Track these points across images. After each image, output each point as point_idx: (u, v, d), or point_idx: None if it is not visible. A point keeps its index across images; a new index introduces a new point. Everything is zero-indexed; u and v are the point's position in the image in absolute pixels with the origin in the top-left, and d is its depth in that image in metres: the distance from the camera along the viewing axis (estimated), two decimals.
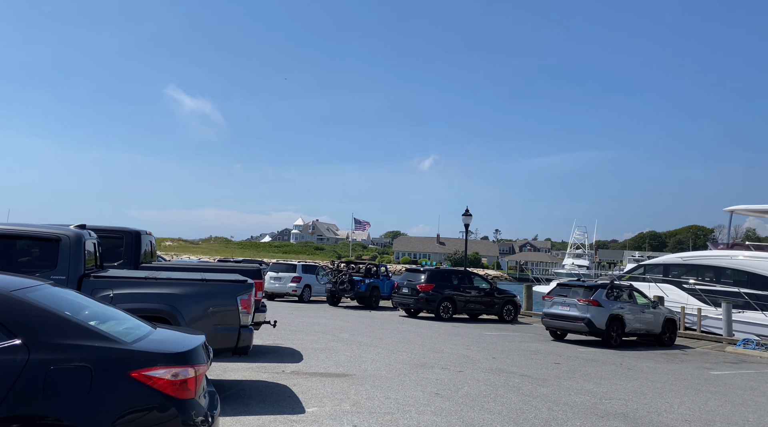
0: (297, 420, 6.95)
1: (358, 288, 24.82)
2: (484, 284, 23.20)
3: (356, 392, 8.67)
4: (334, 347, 13.15)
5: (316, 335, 14.97)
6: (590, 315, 16.62)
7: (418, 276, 22.26)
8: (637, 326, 17.49)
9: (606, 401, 9.26)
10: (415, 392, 8.88)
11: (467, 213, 27.81)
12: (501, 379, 10.51)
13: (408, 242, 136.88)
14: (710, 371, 13.54)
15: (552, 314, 17.67)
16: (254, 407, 7.46)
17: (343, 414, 7.35)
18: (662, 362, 14.37)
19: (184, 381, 4.05)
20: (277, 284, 26.57)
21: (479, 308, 22.54)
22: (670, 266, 26.04)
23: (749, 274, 22.71)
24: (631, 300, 17.78)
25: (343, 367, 10.70)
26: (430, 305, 21.49)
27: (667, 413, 8.67)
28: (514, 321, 22.88)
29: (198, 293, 7.61)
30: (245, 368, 9.97)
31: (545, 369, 12.01)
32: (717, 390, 10.98)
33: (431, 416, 7.52)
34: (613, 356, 14.78)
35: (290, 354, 11.80)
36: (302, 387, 8.75)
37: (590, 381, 10.96)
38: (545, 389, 9.89)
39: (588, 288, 17.57)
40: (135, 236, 11.04)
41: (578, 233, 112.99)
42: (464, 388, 9.47)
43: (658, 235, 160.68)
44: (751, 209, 25.48)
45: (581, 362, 13.49)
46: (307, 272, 27.14)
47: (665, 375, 12.37)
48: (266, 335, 13.97)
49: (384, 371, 10.55)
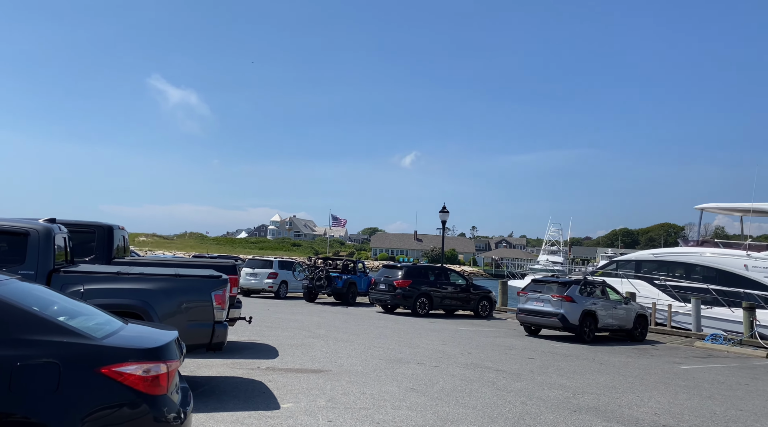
0: (272, 416, 6.92)
1: (335, 284, 24.77)
2: (460, 280, 23.35)
3: (332, 387, 8.66)
4: (310, 343, 13.11)
5: (292, 331, 14.91)
6: (564, 311, 16.85)
7: (396, 272, 22.31)
8: (610, 322, 17.78)
9: (579, 395, 9.40)
10: (391, 388, 8.90)
11: (444, 210, 27.93)
12: (476, 374, 10.60)
13: (385, 238, 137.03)
14: (680, 365, 13.84)
15: (526, 309, 17.87)
16: (228, 403, 7.40)
17: (318, 410, 7.34)
18: (634, 357, 14.63)
19: (155, 377, 4.00)
20: (253, 280, 26.38)
21: (455, 303, 22.69)
22: (641, 262, 26.51)
23: (718, 270, 23.24)
24: (604, 296, 18.07)
25: (319, 363, 10.68)
26: (406, 300, 21.56)
27: (638, 407, 8.84)
28: (490, 317, 23.09)
29: (171, 289, 7.51)
30: (220, 364, 9.89)
31: (519, 364, 12.14)
32: (686, 384, 11.23)
33: (406, 411, 7.55)
34: (586, 351, 15.01)
35: (266, 350, 11.74)
36: (277, 383, 8.71)
37: (563, 376, 11.11)
38: (519, 383, 10.00)
39: (562, 284, 17.80)
40: (107, 231, 10.85)
41: (553, 230, 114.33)
42: (439, 383, 9.53)
43: (631, 232, 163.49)
44: (721, 207, 26.06)
45: (555, 357, 13.68)
46: (283, 268, 27.00)
47: (636, 370, 12.60)
48: (241, 331, 13.87)
49: (360, 366, 10.56)
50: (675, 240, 55.01)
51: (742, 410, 9.22)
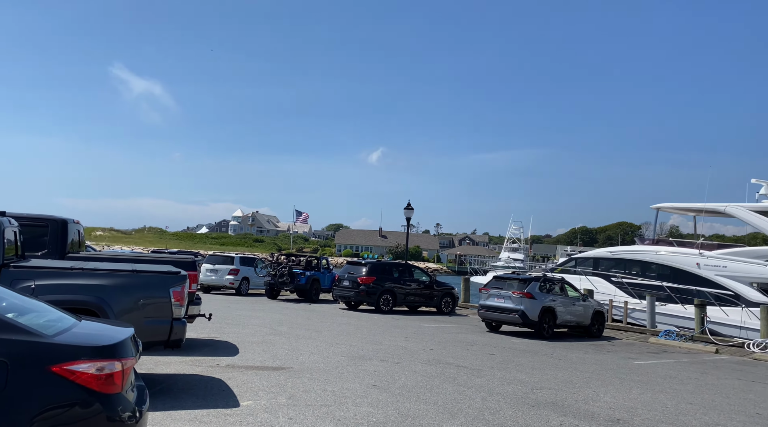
0: (231, 414, 6.83)
1: (298, 281, 24.59)
2: (424, 276, 23.49)
3: (293, 385, 8.60)
4: (271, 340, 12.99)
5: (254, 329, 14.74)
6: (524, 307, 17.13)
7: (359, 269, 22.29)
8: (568, 318, 18.17)
9: (537, 390, 9.58)
10: (353, 384, 8.90)
11: (409, 207, 28.05)
12: (437, 370, 10.68)
13: (350, 234, 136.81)
14: (634, 361, 14.24)
15: (488, 306, 18.10)
16: (186, 401, 7.27)
17: (278, 407, 7.27)
18: (591, 353, 14.99)
19: (110, 375, 3.89)
20: (213, 276, 25.97)
21: (419, 300, 22.82)
22: (599, 259, 27.17)
23: (672, 268, 24.01)
24: (563, 293, 18.45)
25: (281, 360, 10.59)
26: (370, 297, 21.57)
27: (594, 402, 9.05)
28: (452, 313, 23.31)
29: (128, 285, 7.33)
30: (178, 362, 9.70)
31: (480, 360, 12.30)
32: (640, 379, 11.56)
33: (368, 408, 7.55)
34: (544, 347, 15.30)
35: (226, 347, 11.57)
36: (237, 381, 8.60)
37: (523, 371, 11.31)
38: (480, 379, 10.13)
39: (522, 281, 18.09)
40: (61, 225, 10.51)
41: (515, 227, 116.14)
42: (401, 379, 9.57)
43: (590, 230, 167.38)
44: (675, 207, 26.91)
45: (514, 352, 13.90)
46: (245, 264, 26.65)
47: (593, 365, 12.91)
48: (201, 329, 13.64)
49: (322, 363, 10.52)
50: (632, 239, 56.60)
51: (692, 403, 9.55)
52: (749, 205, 23.68)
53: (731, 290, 22.09)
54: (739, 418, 8.73)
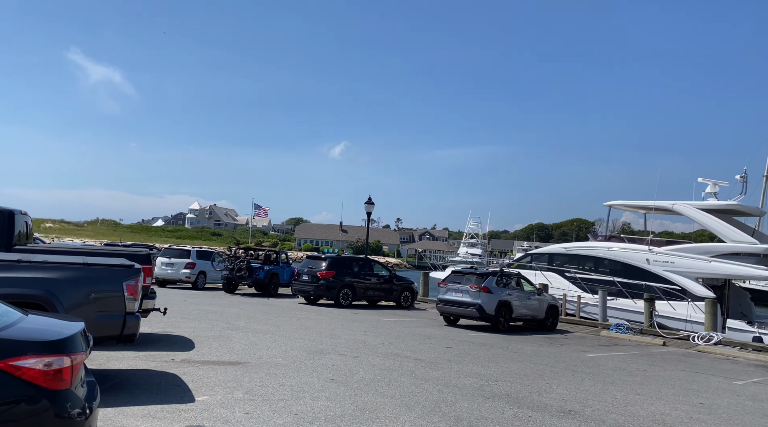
0: (186, 409, 6.72)
1: (257, 275, 24.33)
2: (383, 271, 23.58)
3: (250, 379, 8.53)
4: (228, 334, 12.83)
5: (210, 323, 14.53)
6: (481, 301, 17.40)
7: (319, 263, 22.20)
8: (524, 312, 18.55)
9: (492, 383, 9.76)
10: (311, 379, 8.88)
11: (369, 201, 28.06)
12: (395, 363, 10.76)
13: (310, 229, 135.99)
14: (586, 353, 14.66)
15: (446, 300, 18.31)
16: (140, 396, 7.12)
17: (235, 402, 7.20)
18: (545, 346, 15.35)
19: (58, 371, 3.78)
20: (169, 270, 25.44)
21: (378, 294, 22.90)
22: (554, 255, 27.81)
23: (623, 264, 24.77)
24: (519, 287, 18.82)
25: (238, 355, 10.47)
26: (330, 292, 21.52)
27: (547, 393, 9.29)
28: (411, 307, 23.48)
29: (79, 278, 7.11)
30: (131, 357, 9.49)
31: (438, 353, 12.44)
32: (591, 371, 11.92)
33: (325, 402, 7.55)
34: (500, 340, 15.59)
35: (181, 342, 11.37)
36: (193, 376, 8.47)
37: (479, 364, 11.50)
38: (437, 372, 10.25)
39: (480, 276, 18.37)
40: (7, 216, 10.11)
41: (473, 223, 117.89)
42: (359, 373, 9.60)
43: (546, 226, 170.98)
44: (627, 204, 27.74)
45: (471, 346, 14.11)
46: (202, 258, 26.19)
47: (547, 358, 13.23)
48: (156, 323, 13.36)
49: (280, 358, 10.45)
50: (585, 235, 58.15)
51: (640, 394, 9.90)
52: (696, 203, 24.62)
53: (678, 284, 22.95)
54: (683, 407, 9.11)
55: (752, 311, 24.65)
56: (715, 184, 24.88)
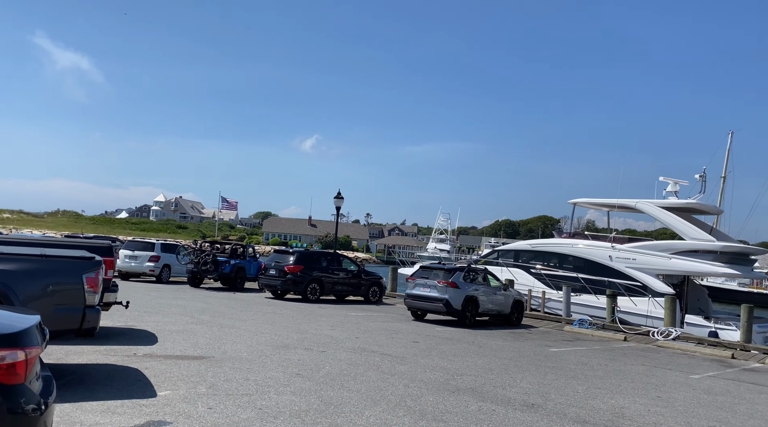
0: (147, 404, 6.60)
1: (223, 269, 24.01)
2: (352, 266, 23.54)
3: (214, 374, 8.42)
4: (192, 329, 12.64)
5: (174, 317, 14.29)
6: (448, 296, 17.54)
7: (287, 258, 22.03)
8: (490, 307, 18.77)
9: (458, 377, 9.85)
10: (276, 373, 8.81)
11: (339, 196, 27.97)
12: (362, 358, 10.77)
13: (278, 223, 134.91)
14: (550, 348, 14.91)
15: (414, 295, 18.40)
16: (99, 392, 6.95)
17: (198, 397, 7.10)
18: (509, 341, 15.56)
19: (11, 365, 3.66)
20: (132, 262, 24.92)
21: (346, 289, 22.86)
22: (520, 251, 28.19)
23: (586, 261, 25.26)
24: (485, 283, 19.02)
25: (202, 349, 10.33)
26: (297, 286, 21.38)
27: (511, 388, 9.42)
28: (379, 302, 23.52)
29: (36, 270, 6.90)
30: (91, 351, 9.26)
31: (404, 348, 12.49)
32: (554, 365, 12.13)
33: (290, 396, 7.51)
34: (467, 335, 15.74)
35: (144, 336, 11.16)
36: (155, 370, 8.32)
37: (445, 359, 11.59)
38: (403, 366, 10.29)
39: (447, 271, 18.50)
40: None
41: (442, 219, 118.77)
42: (326, 367, 9.57)
43: (513, 223, 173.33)
44: (591, 202, 28.28)
45: (438, 340, 14.21)
46: (166, 251, 25.72)
47: (511, 352, 13.42)
48: (117, 317, 13.07)
49: (245, 352, 10.35)
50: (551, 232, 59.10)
51: (601, 388, 10.13)
52: (657, 201, 25.25)
53: (640, 281, 23.53)
54: (642, 401, 9.35)
55: (709, 307, 25.45)
56: (676, 183, 25.55)
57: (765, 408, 9.70)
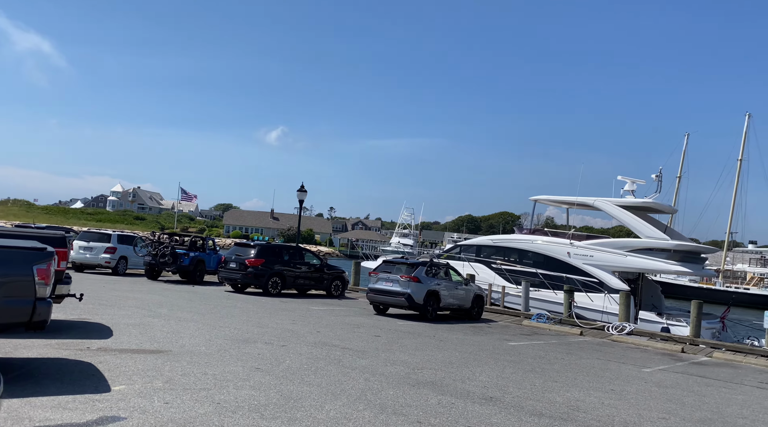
0: (100, 399, 6.42)
1: (181, 262, 23.54)
2: (314, 260, 23.42)
3: (171, 368, 8.25)
4: (149, 322, 12.36)
5: (130, 310, 13.95)
6: (410, 291, 17.63)
7: (248, 251, 21.75)
8: (451, 301, 18.96)
9: (418, 371, 9.91)
10: (235, 368, 8.70)
11: (302, 189, 27.74)
12: (323, 352, 10.72)
13: (240, 215, 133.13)
14: (509, 342, 15.16)
15: (376, 289, 18.42)
16: (50, 387, 6.73)
17: (154, 391, 6.94)
18: (470, 334, 15.75)
19: None
20: (87, 254, 24.20)
21: (309, 283, 22.72)
22: (481, 247, 28.55)
23: (545, 256, 25.77)
24: (447, 277, 19.19)
25: (159, 343, 10.11)
26: (258, 280, 21.14)
27: (470, 381, 9.53)
28: (342, 296, 23.47)
29: None
30: (42, 345, 8.96)
31: (366, 342, 12.50)
32: (513, 359, 12.34)
33: (249, 391, 7.42)
34: (428, 329, 15.86)
35: (98, 330, 10.85)
36: (109, 364, 8.10)
37: (406, 352, 11.65)
38: (364, 360, 10.30)
39: (410, 265, 18.59)
40: None
41: (406, 213, 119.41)
42: (286, 362, 9.50)
43: (475, 219, 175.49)
44: (551, 199, 28.83)
45: (399, 334, 14.28)
46: (123, 242, 25.06)
47: (471, 346, 13.58)
48: (71, 310, 12.68)
49: (203, 346, 10.18)
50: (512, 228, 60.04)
51: (557, 381, 10.35)
52: (615, 200, 25.92)
53: (596, 277, 24.13)
54: (596, 394, 9.59)
55: (662, 303, 26.31)
56: (633, 183, 26.26)
57: (712, 400, 10.09)
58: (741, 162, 60.94)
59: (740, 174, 60.96)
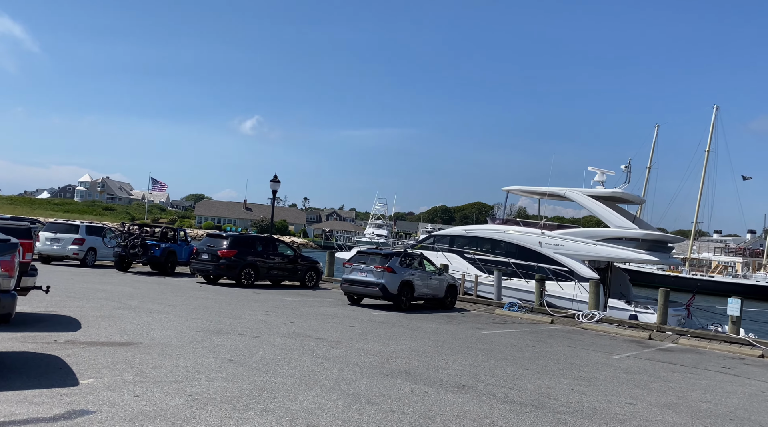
0: (68, 393, 6.30)
1: (152, 253, 23.19)
2: (288, 251, 23.30)
3: (141, 361, 8.14)
4: (119, 314, 12.16)
5: (100, 302, 13.70)
6: (384, 281, 17.68)
7: (220, 242, 21.54)
8: (425, 291, 19.07)
9: (392, 360, 9.96)
10: (207, 359, 8.62)
11: (275, 180, 27.52)
12: (297, 343, 10.70)
13: (212, 206, 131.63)
14: (481, 331, 15.33)
15: (350, 279, 18.43)
16: (15, 380, 6.58)
17: (124, 384, 6.84)
18: (443, 324, 15.88)
19: None
20: (55, 245, 23.68)
21: (282, 274, 22.61)
22: (455, 237, 28.74)
23: (517, 246, 26.06)
24: (421, 267, 19.30)
25: (129, 335, 9.96)
26: (231, 271, 20.95)
27: (443, 370, 9.62)
28: (316, 287, 23.42)
29: None
30: (7, 339, 8.74)
31: (340, 332, 12.51)
32: (485, 347, 12.49)
33: (222, 382, 7.37)
34: (402, 319, 15.94)
35: (66, 322, 10.64)
36: (78, 358, 7.95)
37: (380, 342, 11.69)
38: (338, 351, 10.31)
39: (384, 256, 18.63)
40: None
41: (380, 204, 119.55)
42: (259, 353, 9.45)
43: (449, 209, 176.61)
44: (523, 190, 29.13)
45: (373, 324, 14.32)
46: (92, 233, 24.56)
47: (444, 335, 13.70)
48: (37, 302, 12.40)
49: (175, 338, 10.06)
50: (485, 218, 60.63)
51: (528, 369, 10.51)
52: (585, 190, 26.31)
53: (567, 266, 24.51)
54: (566, 381, 9.78)
55: (630, 291, 26.88)
56: (603, 173, 26.68)
57: (677, 385, 10.38)
58: (708, 153, 62.47)
59: (707, 165, 62.49)
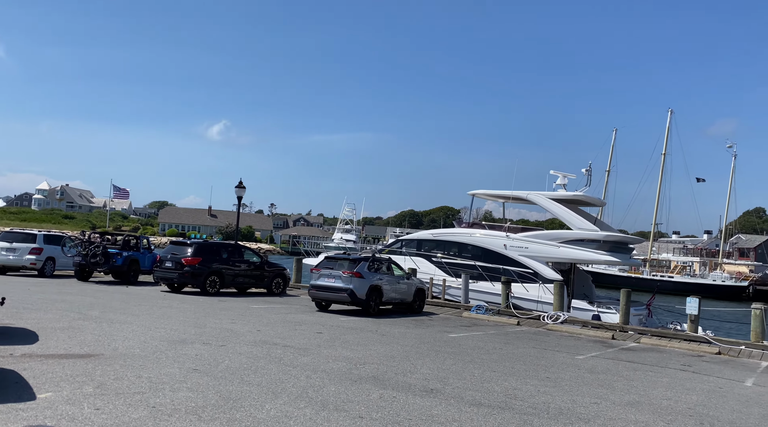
0: (24, 408, 6.08)
1: (114, 262, 22.62)
2: (254, 257, 23.04)
3: (102, 373, 7.92)
4: (79, 325, 11.82)
5: (59, 313, 13.29)
6: (353, 286, 17.63)
7: (184, 249, 21.15)
8: (393, 296, 19.10)
9: (360, 366, 9.93)
10: (172, 370, 8.45)
11: (240, 185, 27.21)
12: (263, 351, 10.58)
13: (176, 213, 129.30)
14: (449, 334, 15.42)
15: (318, 285, 18.32)
16: None
17: (84, 397, 6.65)
18: (411, 328, 15.92)
19: None
20: (10, 255, 22.88)
21: (249, 281, 22.33)
22: (422, 241, 28.90)
23: (483, 249, 26.36)
24: (390, 272, 19.32)
25: (89, 347, 9.69)
26: (195, 279, 20.59)
27: (411, 374, 9.64)
28: (283, 294, 23.21)
29: None
30: None
31: (307, 339, 12.42)
32: (453, 351, 12.56)
33: (187, 393, 7.22)
34: (370, 324, 15.92)
35: (22, 335, 10.29)
36: (35, 371, 7.69)
37: (348, 348, 11.65)
38: (306, 358, 10.23)
39: (352, 261, 18.59)
40: None
41: (348, 209, 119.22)
42: (225, 362, 9.31)
43: (417, 213, 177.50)
44: (488, 194, 29.50)
45: (342, 330, 14.26)
46: (50, 242, 23.83)
47: (413, 339, 13.73)
48: None
49: (138, 349, 9.83)
50: (452, 222, 61.09)
51: (495, 371, 10.62)
52: (547, 193, 26.79)
53: (531, 268, 24.89)
54: (533, 382, 9.91)
55: (593, 292, 27.45)
56: (565, 177, 27.23)
57: (639, 383, 10.62)
58: (665, 156, 64.34)
59: (664, 168, 64.37)
